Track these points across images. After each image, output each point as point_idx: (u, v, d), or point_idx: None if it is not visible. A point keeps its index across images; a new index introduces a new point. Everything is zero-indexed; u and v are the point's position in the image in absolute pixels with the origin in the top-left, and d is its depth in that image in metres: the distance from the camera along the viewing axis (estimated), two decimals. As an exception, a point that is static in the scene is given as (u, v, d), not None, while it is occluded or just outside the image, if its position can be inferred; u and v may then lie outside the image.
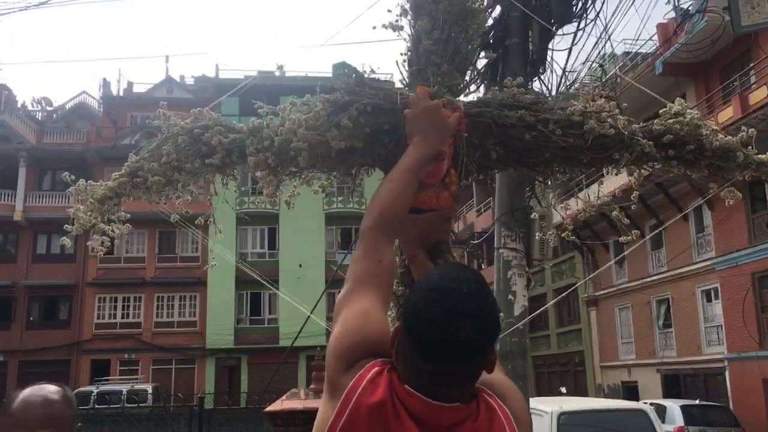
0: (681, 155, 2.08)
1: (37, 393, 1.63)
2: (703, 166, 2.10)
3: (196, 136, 2.16)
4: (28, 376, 29.83)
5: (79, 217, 2.19)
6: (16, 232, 31.92)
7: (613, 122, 2.08)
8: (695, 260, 20.87)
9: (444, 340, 1.21)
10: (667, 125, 2.11)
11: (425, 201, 2.04)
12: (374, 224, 1.64)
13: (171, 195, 2.23)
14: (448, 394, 1.26)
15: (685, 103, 2.17)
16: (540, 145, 2.05)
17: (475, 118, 2.07)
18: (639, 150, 2.05)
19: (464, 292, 1.25)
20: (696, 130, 2.09)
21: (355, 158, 2.12)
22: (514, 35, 4.49)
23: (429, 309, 1.23)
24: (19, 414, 1.57)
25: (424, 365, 1.24)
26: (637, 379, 23.91)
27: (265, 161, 2.11)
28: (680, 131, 2.09)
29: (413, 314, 1.26)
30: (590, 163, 2.11)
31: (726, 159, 2.08)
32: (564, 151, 2.05)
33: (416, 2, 2.31)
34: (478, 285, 1.28)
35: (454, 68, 2.24)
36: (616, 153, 2.07)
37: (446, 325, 1.21)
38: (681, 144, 2.08)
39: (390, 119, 2.04)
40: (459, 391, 1.28)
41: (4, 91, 35.85)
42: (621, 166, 2.11)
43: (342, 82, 2.18)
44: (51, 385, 1.69)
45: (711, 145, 2.07)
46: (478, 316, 1.24)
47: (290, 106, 2.19)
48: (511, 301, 4.16)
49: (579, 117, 2.04)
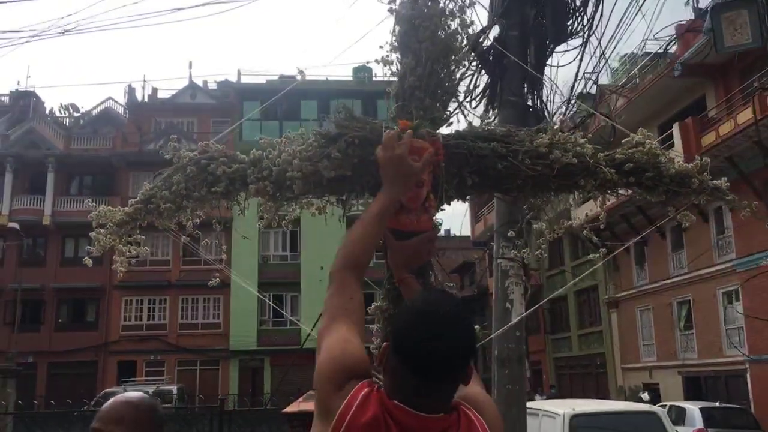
0: (641, 181, 2.27)
1: (120, 396, 1.85)
2: (661, 191, 2.28)
3: (203, 167, 2.40)
4: (56, 378, 30.56)
5: (99, 239, 2.44)
6: (45, 236, 32.68)
7: (581, 151, 2.28)
8: (716, 262, 20.77)
9: (427, 358, 1.38)
10: (628, 154, 2.31)
11: (406, 224, 2.26)
12: (343, 265, 1.86)
13: (182, 219, 2.47)
14: (432, 405, 1.43)
15: (647, 132, 2.36)
16: (511, 173, 2.26)
17: (452, 149, 2.29)
18: (602, 177, 2.25)
19: (444, 315, 1.43)
20: (655, 159, 2.28)
21: (345, 185, 2.35)
22: (513, 54, 4.67)
23: (414, 331, 1.42)
24: (102, 412, 1.77)
25: (410, 380, 1.41)
26: (659, 381, 23.84)
27: (264, 189, 2.35)
28: (641, 159, 2.28)
29: (401, 335, 1.44)
30: (558, 189, 2.31)
31: (682, 185, 2.27)
32: (533, 178, 2.26)
33: (402, 40, 2.52)
34: (456, 309, 1.47)
35: (436, 102, 2.46)
36: (582, 180, 2.27)
37: (429, 345, 1.39)
38: (641, 171, 2.27)
39: (376, 150, 2.26)
40: (442, 402, 1.45)
41: (33, 98, 36.72)
42: (587, 192, 2.31)
43: (333, 118, 2.40)
44: (139, 393, 1.90)
45: (668, 172, 2.26)
46: (456, 336, 1.42)
47: (285, 139, 2.43)
48: (509, 309, 4.37)
49: (545, 148, 2.25)
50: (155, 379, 28.67)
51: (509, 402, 4.58)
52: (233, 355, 32.02)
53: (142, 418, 1.80)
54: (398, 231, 2.22)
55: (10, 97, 37.31)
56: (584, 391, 27.47)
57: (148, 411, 1.84)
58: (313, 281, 30.02)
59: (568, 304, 30.40)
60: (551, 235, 2.46)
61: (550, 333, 32.05)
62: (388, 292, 2.37)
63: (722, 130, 18.81)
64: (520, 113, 4.69)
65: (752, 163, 18.44)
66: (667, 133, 21.40)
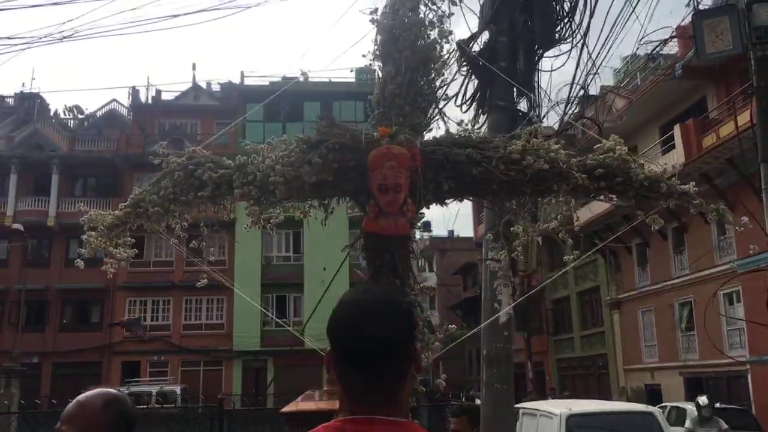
0: (612, 186, 2.35)
1: (80, 395, 1.79)
2: (631, 196, 2.36)
3: (190, 172, 2.49)
4: (61, 378, 30.71)
5: (90, 241, 2.54)
6: (49, 237, 32.83)
7: (554, 156, 2.36)
8: (717, 263, 20.77)
9: (359, 340, 1.37)
10: (599, 160, 2.38)
11: (385, 227, 2.36)
12: None
13: (171, 223, 2.56)
14: (380, 398, 1.40)
15: (618, 138, 2.44)
16: (486, 178, 2.34)
17: (429, 155, 2.38)
18: (574, 182, 2.32)
19: (374, 299, 1.44)
20: (625, 164, 2.36)
21: (326, 190, 2.44)
22: (502, 59, 4.75)
23: (345, 316, 1.42)
24: (66, 415, 1.74)
25: (352, 373, 1.40)
26: (660, 381, 23.84)
27: (249, 193, 2.44)
28: (612, 165, 2.36)
29: (334, 324, 1.43)
30: (532, 193, 2.39)
31: (651, 189, 2.35)
32: (508, 183, 2.34)
33: (383, 50, 2.61)
34: (387, 294, 1.49)
35: (416, 108, 2.55)
36: (555, 185, 2.35)
37: (359, 326, 1.38)
38: (611, 176, 2.35)
39: (356, 156, 2.35)
40: (390, 394, 1.42)
41: (37, 100, 36.91)
42: (560, 196, 2.39)
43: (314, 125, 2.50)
44: (106, 389, 1.82)
45: (638, 177, 2.34)
46: (387, 317, 1.40)
47: (268, 145, 2.52)
48: (497, 308, 4.47)
49: (518, 155, 2.33)
50: (159, 379, 28.80)
51: (498, 400, 4.67)
52: (236, 355, 32.12)
53: (92, 417, 1.73)
54: (377, 234, 2.32)
55: (14, 99, 37.53)
56: (587, 391, 27.49)
57: (100, 410, 1.75)
58: (316, 282, 30.09)
59: (571, 306, 30.45)
60: (526, 239, 2.54)
61: (553, 334, 32.09)
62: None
63: (723, 132, 18.83)
64: (510, 118, 4.77)
65: (753, 164, 18.43)
66: (668, 134, 21.44)
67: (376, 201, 2.38)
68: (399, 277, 2.38)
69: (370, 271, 2.49)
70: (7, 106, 37.52)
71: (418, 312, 2.47)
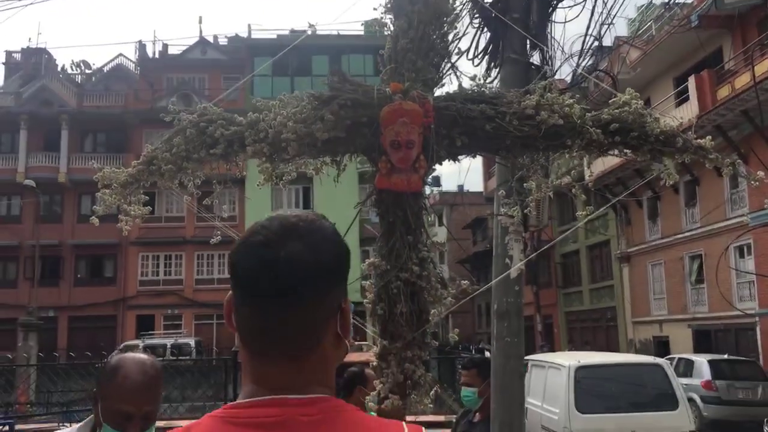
0: (627, 141, 2.33)
1: (138, 368, 1.74)
2: (646, 150, 2.34)
3: (202, 129, 2.49)
4: (77, 331, 31.35)
5: (105, 199, 2.55)
6: (61, 193, 33.05)
7: (568, 111, 2.33)
8: (729, 216, 20.69)
9: (257, 259, 1.02)
10: (614, 114, 2.36)
11: (397, 183, 2.36)
12: None
13: (183, 180, 2.57)
14: (282, 352, 1.02)
15: (634, 93, 2.41)
16: (500, 134, 2.33)
17: (442, 111, 2.36)
18: (589, 137, 2.30)
19: (288, 221, 1.06)
20: (640, 119, 2.33)
21: (338, 146, 2.43)
22: (515, 10, 4.67)
23: (247, 236, 1.07)
24: (127, 391, 1.69)
25: (248, 313, 1.03)
26: (669, 334, 24.03)
27: (261, 150, 2.44)
28: (627, 119, 2.33)
29: (235, 247, 1.08)
30: (546, 149, 2.38)
31: (667, 144, 2.32)
32: (521, 139, 2.32)
33: (396, 3, 2.57)
34: (307, 217, 1.08)
35: (428, 63, 2.52)
36: (569, 140, 2.33)
37: (261, 244, 1.03)
38: (627, 131, 2.33)
39: (368, 112, 2.34)
40: (292, 349, 1.02)
41: (44, 55, 36.68)
42: (574, 151, 2.37)
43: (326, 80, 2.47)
44: (145, 356, 1.82)
45: (653, 132, 2.31)
46: (299, 238, 1.03)
47: (279, 102, 2.51)
48: (508, 264, 4.49)
49: (532, 110, 2.30)
50: (173, 332, 29.32)
51: (508, 353, 4.72)
52: (249, 309, 32.56)
53: (154, 380, 1.80)
54: (390, 191, 2.32)
55: (21, 54, 37.30)
56: (595, 344, 27.78)
57: (161, 376, 1.85)
58: (326, 237, 30.29)
59: (580, 259, 30.53)
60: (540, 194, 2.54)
61: (562, 287, 32.27)
62: (381, 249, 2.47)
63: (738, 83, 18.51)
64: (522, 71, 4.71)
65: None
66: (682, 86, 21.11)
67: (389, 157, 2.38)
68: (412, 233, 2.39)
69: (383, 227, 2.50)
70: (14, 62, 37.32)
71: (431, 267, 2.49)
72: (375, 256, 2.48)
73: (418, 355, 2.39)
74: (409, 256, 2.34)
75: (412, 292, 2.36)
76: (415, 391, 2.38)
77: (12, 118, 32.48)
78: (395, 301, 2.33)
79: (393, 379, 2.35)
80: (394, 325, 2.35)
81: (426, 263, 2.41)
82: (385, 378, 2.37)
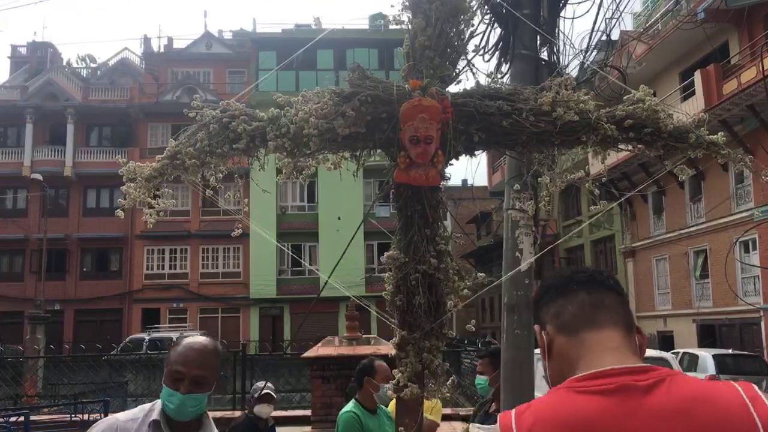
0: (640, 137, 2.38)
1: (197, 341, 2.13)
2: (659, 146, 2.39)
3: (225, 125, 2.55)
4: (83, 324, 31.53)
5: (130, 193, 2.61)
6: (66, 187, 33.17)
7: (583, 108, 2.39)
8: (734, 211, 20.70)
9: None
10: (628, 110, 2.41)
11: (416, 178, 2.42)
12: None
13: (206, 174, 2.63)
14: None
15: (647, 89, 2.46)
16: (516, 130, 2.38)
17: (460, 107, 2.42)
18: (603, 133, 2.35)
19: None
20: (654, 115, 2.38)
21: (358, 142, 2.49)
22: (525, 6, 4.71)
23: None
24: (181, 355, 2.04)
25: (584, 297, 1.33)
26: (673, 328, 24.08)
27: (283, 146, 2.49)
28: (641, 115, 2.39)
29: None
30: (561, 144, 2.43)
31: (680, 140, 2.37)
32: (537, 135, 2.38)
33: (413, 1, 2.62)
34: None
35: (446, 60, 2.57)
36: (584, 136, 2.38)
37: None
38: (640, 127, 2.38)
39: (387, 108, 2.40)
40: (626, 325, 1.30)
41: (50, 49, 36.76)
42: (589, 147, 2.43)
43: (347, 77, 2.53)
44: (205, 338, 2.20)
45: (667, 128, 2.36)
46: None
47: (301, 98, 2.56)
48: (518, 258, 4.55)
49: (549, 106, 2.36)
50: (179, 326, 29.46)
51: (518, 346, 4.78)
52: (253, 303, 32.69)
53: (213, 361, 2.14)
54: (408, 185, 2.38)
55: (27, 48, 37.38)
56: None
57: (218, 353, 2.17)
58: (331, 230, 30.37)
59: (585, 254, 30.57)
60: (553, 188, 2.59)
61: (566, 282, 32.32)
62: (399, 242, 2.53)
63: (744, 78, 18.49)
64: (533, 67, 4.75)
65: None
66: (688, 80, 21.09)
67: (407, 152, 2.44)
68: (429, 226, 2.45)
69: (401, 221, 2.56)
70: (19, 55, 37.42)
71: (448, 260, 2.55)
72: (394, 248, 2.55)
73: (435, 345, 2.46)
74: (426, 249, 2.41)
75: (430, 284, 2.45)
76: (432, 380, 2.46)
77: (18, 111, 32.59)
78: (413, 292, 2.41)
79: (411, 369, 2.42)
80: (412, 316, 2.43)
81: (443, 256, 2.47)
82: (403, 367, 2.45)
